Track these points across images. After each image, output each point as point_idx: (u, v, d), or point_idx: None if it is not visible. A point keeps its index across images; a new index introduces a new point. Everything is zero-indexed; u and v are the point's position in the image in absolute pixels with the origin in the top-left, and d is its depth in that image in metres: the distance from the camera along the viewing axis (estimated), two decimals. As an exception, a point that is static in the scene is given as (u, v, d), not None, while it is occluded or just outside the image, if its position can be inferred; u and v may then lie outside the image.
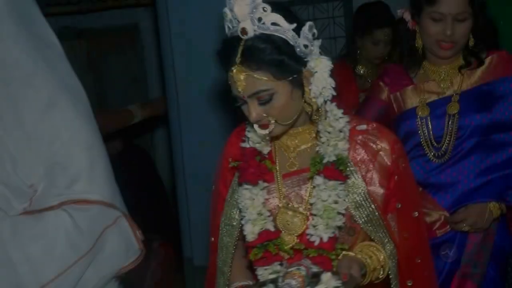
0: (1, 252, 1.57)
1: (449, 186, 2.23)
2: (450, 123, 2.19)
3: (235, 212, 1.68)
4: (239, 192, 1.61)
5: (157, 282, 3.48)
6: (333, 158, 1.50)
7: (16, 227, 1.59)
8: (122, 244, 1.71)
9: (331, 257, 1.50)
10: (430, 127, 2.21)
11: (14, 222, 1.59)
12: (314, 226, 1.51)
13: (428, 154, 2.22)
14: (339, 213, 1.49)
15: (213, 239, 1.80)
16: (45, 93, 1.66)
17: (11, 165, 1.59)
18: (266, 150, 1.63)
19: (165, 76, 3.40)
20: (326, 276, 1.38)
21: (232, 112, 1.65)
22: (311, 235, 1.51)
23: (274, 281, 1.46)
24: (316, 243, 1.49)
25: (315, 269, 1.45)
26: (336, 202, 1.49)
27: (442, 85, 2.22)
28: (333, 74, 3.39)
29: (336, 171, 1.50)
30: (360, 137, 1.58)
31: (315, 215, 1.51)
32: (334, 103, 1.56)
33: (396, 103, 2.29)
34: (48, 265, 1.59)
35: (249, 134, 1.61)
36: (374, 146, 1.57)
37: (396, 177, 1.59)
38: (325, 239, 1.48)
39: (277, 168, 1.63)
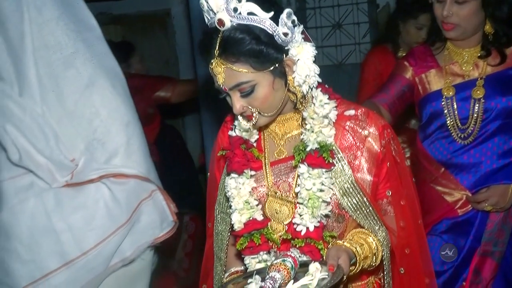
0: (46, 221, 1.61)
1: (471, 166, 2.18)
2: (475, 106, 2.15)
3: (227, 200, 1.58)
4: (226, 181, 1.52)
5: (187, 253, 3.52)
6: (316, 145, 1.40)
7: (59, 199, 1.62)
8: (157, 215, 1.74)
9: (318, 247, 1.40)
10: (456, 108, 2.17)
11: (57, 193, 1.62)
12: (300, 215, 1.41)
13: (453, 135, 2.18)
14: (324, 201, 1.40)
15: (210, 224, 1.71)
16: (85, 73, 1.68)
17: (54, 140, 1.62)
18: (253, 138, 1.53)
19: (196, 60, 3.40)
20: (314, 266, 1.29)
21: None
22: (297, 224, 1.41)
23: (259, 272, 1.37)
24: (303, 233, 1.39)
25: (304, 258, 1.37)
26: (321, 190, 1.39)
27: (464, 68, 2.18)
28: (375, 60, 3.31)
29: (320, 158, 1.39)
30: (348, 123, 1.46)
31: (301, 203, 1.41)
32: (319, 89, 1.44)
33: (421, 85, 2.25)
34: (89, 234, 1.63)
35: (236, 122, 1.51)
36: (362, 131, 1.46)
37: (388, 163, 1.47)
38: (311, 229, 1.39)
39: (265, 156, 1.53)
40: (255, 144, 1.53)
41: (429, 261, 1.62)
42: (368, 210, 1.45)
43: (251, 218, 1.47)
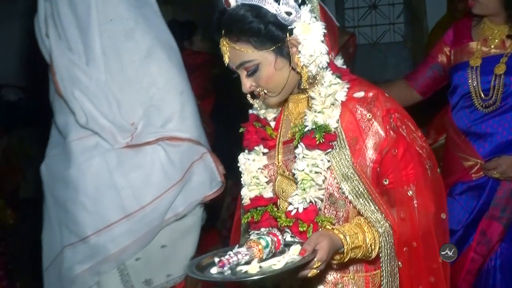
0: (108, 178, 1.66)
1: (488, 135, 2.13)
2: (496, 81, 2.11)
3: None
4: (239, 157, 1.44)
5: (230, 215, 3.57)
6: (312, 126, 1.28)
7: (120, 158, 1.67)
8: (207, 176, 1.77)
9: (300, 228, 1.28)
10: (479, 80, 2.14)
11: (118, 153, 1.67)
12: (294, 196, 1.30)
13: (475, 104, 2.17)
14: (317, 184, 1.27)
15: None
16: (144, 45, 1.70)
17: (116, 106, 1.67)
18: (270, 116, 1.44)
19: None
20: (291, 248, 1.19)
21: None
22: (289, 204, 1.30)
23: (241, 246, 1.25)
24: (293, 213, 1.28)
25: (296, 239, 1.27)
26: (314, 172, 1.27)
27: (491, 43, 2.14)
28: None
29: (315, 139, 1.27)
30: (355, 105, 1.31)
31: (296, 184, 1.31)
32: (328, 69, 1.31)
33: (454, 56, 2.23)
34: (146, 191, 1.68)
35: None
36: (368, 114, 1.30)
37: (393, 150, 1.30)
38: (300, 210, 1.28)
39: (280, 135, 1.42)
40: (271, 123, 1.45)
41: (436, 258, 1.44)
42: (369, 198, 1.30)
43: (259, 195, 1.40)
